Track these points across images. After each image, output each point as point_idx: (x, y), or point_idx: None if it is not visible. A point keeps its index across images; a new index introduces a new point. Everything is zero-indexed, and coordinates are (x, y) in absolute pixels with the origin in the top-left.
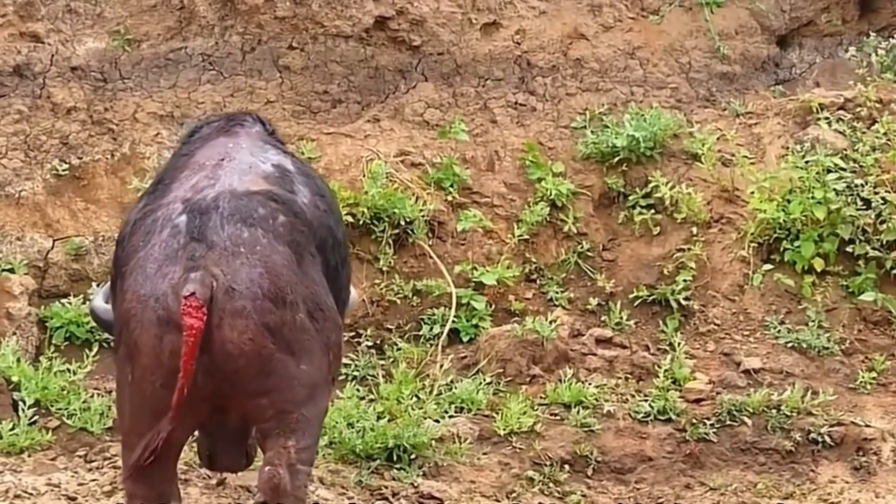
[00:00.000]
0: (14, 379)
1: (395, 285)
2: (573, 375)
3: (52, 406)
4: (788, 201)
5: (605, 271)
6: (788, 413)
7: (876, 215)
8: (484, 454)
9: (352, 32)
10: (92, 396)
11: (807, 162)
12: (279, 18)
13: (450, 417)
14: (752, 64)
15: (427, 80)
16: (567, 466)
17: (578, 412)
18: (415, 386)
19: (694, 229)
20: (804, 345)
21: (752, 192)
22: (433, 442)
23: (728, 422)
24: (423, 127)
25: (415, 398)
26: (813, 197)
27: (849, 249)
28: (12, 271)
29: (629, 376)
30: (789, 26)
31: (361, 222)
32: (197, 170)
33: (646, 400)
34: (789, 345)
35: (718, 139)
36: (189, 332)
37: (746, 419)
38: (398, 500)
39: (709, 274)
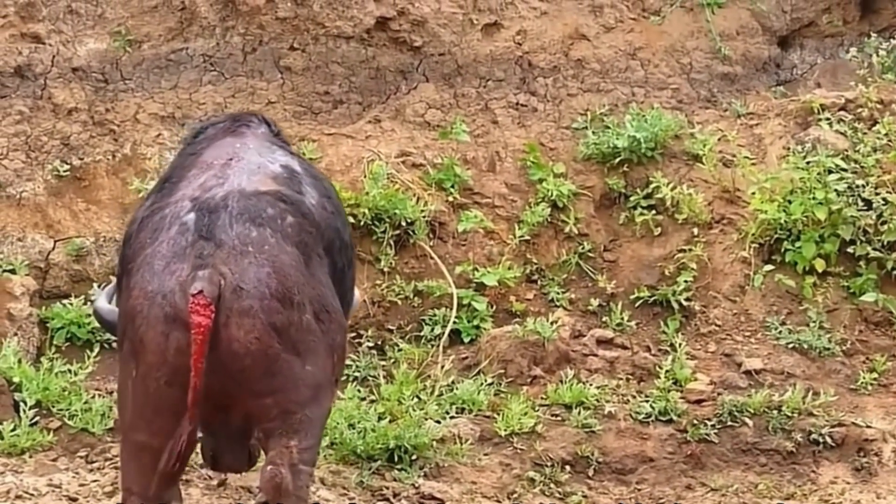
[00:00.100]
0: (15, 380)
1: (397, 286)
2: (574, 376)
3: (54, 407)
4: (789, 202)
5: (606, 272)
6: (789, 414)
7: (877, 216)
8: (485, 455)
9: (353, 33)
10: (93, 397)
11: (808, 163)
12: (280, 19)
13: (451, 418)
14: (754, 65)
15: (428, 81)
16: (568, 467)
17: (579, 413)
18: (416, 387)
19: (695, 230)
20: (805, 345)
21: (753, 193)
22: (434, 443)
23: (729, 422)
24: (425, 127)
25: (416, 399)
26: (814, 198)
27: (850, 250)
28: (13, 272)
29: (630, 377)
30: (790, 27)
31: (362, 223)
32: (205, 169)
33: (647, 401)
34: (790, 345)
35: (719, 140)
36: (197, 330)
37: (747, 420)
38: (399, 501)
39: (710, 275)
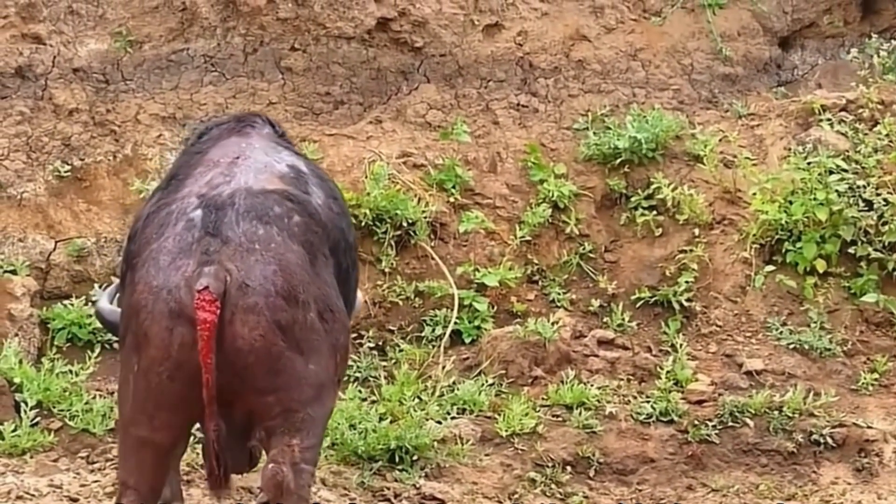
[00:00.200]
0: (16, 380)
1: (398, 287)
2: (575, 377)
3: (54, 407)
4: (790, 202)
5: (607, 272)
6: (790, 414)
7: (878, 217)
8: (486, 455)
9: (354, 34)
10: (94, 398)
11: (809, 163)
12: (281, 20)
13: (452, 419)
14: (754, 65)
15: (429, 82)
16: (569, 468)
17: (580, 413)
18: (417, 387)
19: (696, 230)
20: (806, 346)
21: (754, 194)
22: (435, 443)
23: (730, 423)
24: (426, 128)
25: (417, 399)
26: (815, 198)
27: (851, 251)
28: (14, 272)
29: (631, 377)
30: (791, 28)
31: (364, 224)
32: (212, 167)
33: (648, 401)
34: (791, 346)
35: (720, 140)
36: (203, 326)
37: (748, 420)
38: (400, 502)
39: (711, 275)
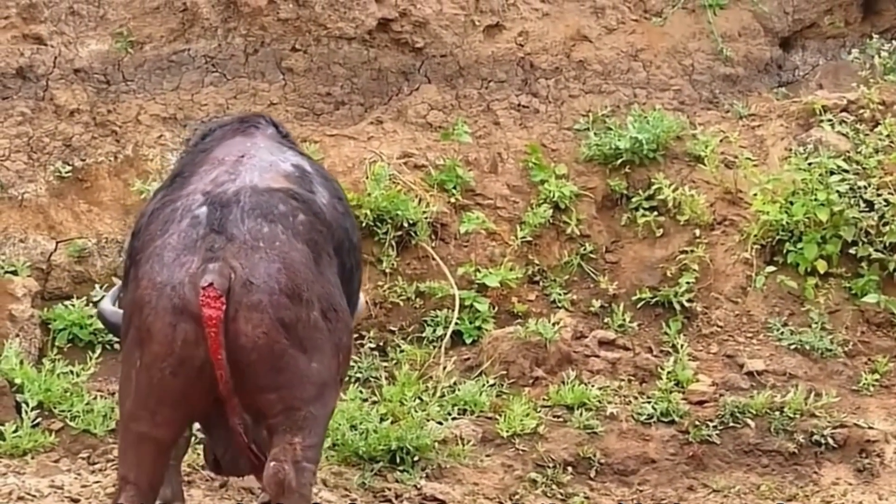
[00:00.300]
0: (17, 381)
1: (399, 287)
2: (576, 377)
3: (56, 408)
4: (791, 203)
5: (608, 273)
6: (791, 415)
7: (879, 217)
8: (487, 456)
9: (355, 34)
10: (95, 398)
11: (810, 164)
12: (282, 20)
13: (453, 419)
14: (755, 66)
15: (430, 82)
16: (570, 468)
17: (581, 414)
18: (418, 388)
19: (697, 231)
20: (807, 347)
21: (755, 194)
22: (436, 444)
23: (731, 424)
24: (427, 129)
25: (418, 400)
26: (816, 199)
27: (852, 251)
28: (15, 273)
29: (632, 378)
30: (792, 28)
31: (364, 224)
32: (216, 165)
33: (649, 402)
34: (792, 347)
35: (721, 141)
36: (210, 323)
37: (749, 421)
38: (401, 502)
39: (712, 276)
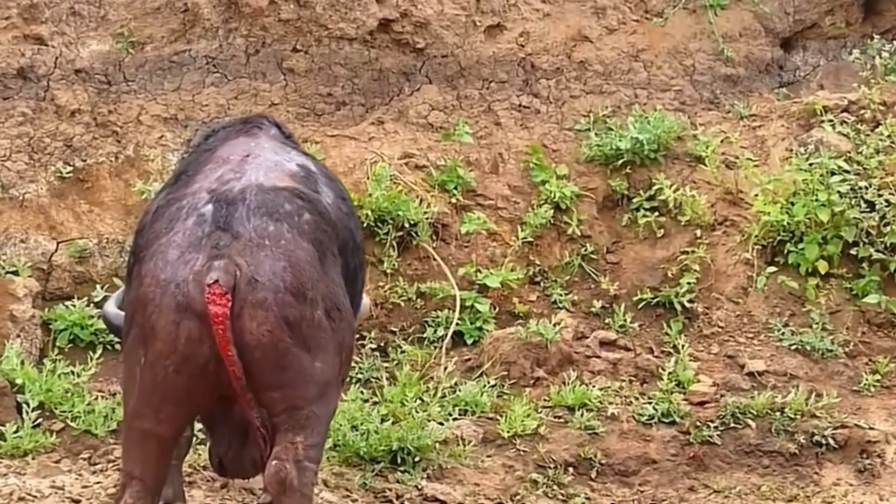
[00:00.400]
0: (18, 381)
1: (399, 288)
2: (577, 378)
3: (56, 409)
4: (792, 203)
5: (609, 274)
6: (792, 415)
7: (880, 217)
8: (488, 457)
9: (356, 35)
10: (96, 399)
11: (810, 164)
12: (283, 21)
13: (454, 420)
14: (756, 66)
15: (431, 83)
16: (571, 469)
17: (582, 415)
18: (419, 388)
19: (698, 232)
20: (808, 347)
21: (756, 195)
22: (437, 444)
23: (732, 424)
24: (428, 129)
25: (419, 401)
26: (817, 199)
27: (853, 252)
28: (16, 273)
29: (633, 379)
30: (793, 29)
31: (365, 225)
32: (221, 163)
33: (650, 402)
34: (793, 347)
35: (722, 142)
36: (216, 320)
37: (750, 422)
38: (402, 503)
39: (712, 276)
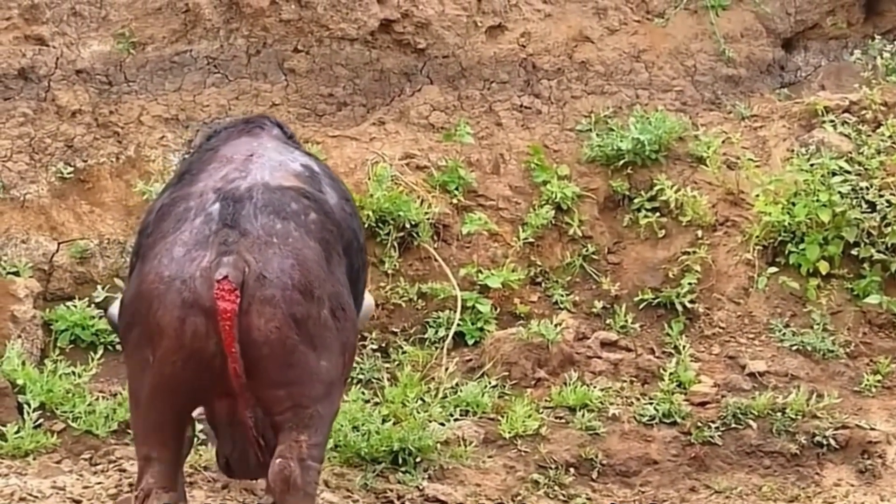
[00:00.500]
0: (19, 382)
1: (401, 288)
2: (578, 378)
3: (57, 409)
4: (793, 204)
5: (611, 274)
6: (793, 416)
7: (881, 218)
8: (489, 457)
9: (357, 35)
10: (97, 399)
11: (812, 165)
12: (284, 21)
13: (455, 420)
14: (758, 67)
15: (432, 83)
16: (572, 469)
17: (583, 415)
18: (420, 389)
19: (699, 232)
20: (809, 348)
21: (757, 195)
22: (438, 445)
23: (733, 425)
24: (429, 130)
25: (420, 401)
26: (818, 200)
27: (854, 252)
28: (17, 274)
29: (634, 379)
30: (794, 29)
31: (367, 225)
32: (225, 163)
33: (651, 403)
34: (794, 348)
35: (723, 142)
36: (224, 316)
37: (751, 422)
38: (403, 503)
39: (714, 277)
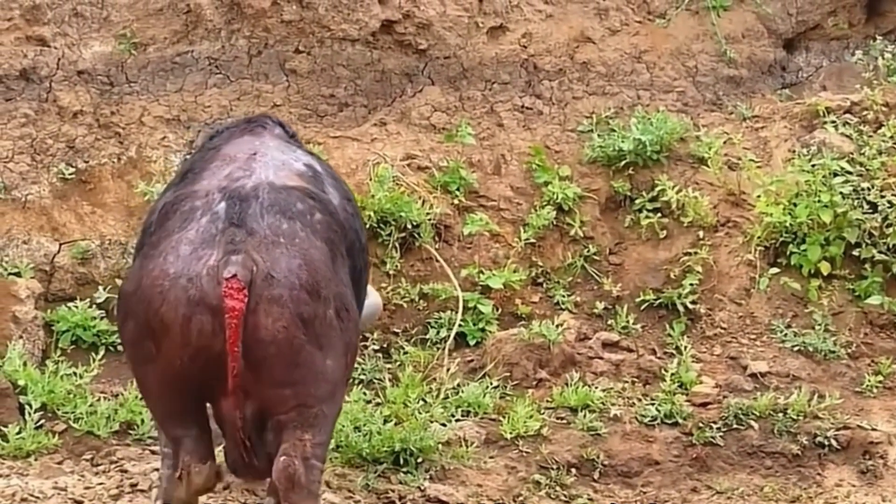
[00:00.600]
0: (20, 383)
1: (402, 289)
2: (580, 379)
3: (59, 410)
4: (795, 205)
5: (612, 275)
6: (795, 417)
7: (882, 219)
8: (490, 458)
9: (358, 36)
10: (98, 400)
11: (813, 165)
12: (285, 22)
13: (456, 421)
14: (759, 67)
15: (434, 84)
16: (573, 470)
17: (585, 416)
18: (421, 389)
19: (700, 233)
20: (810, 348)
21: (759, 196)
22: (440, 445)
23: (734, 425)
24: (430, 130)
25: (421, 402)
26: (819, 200)
27: (855, 253)
28: (19, 275)
29: (636, 380)
30: (796, 30)
31: (368, 226)
32: (228, 161)
33: (652, 404)
34: (795, 348)
35: (725, 143)
36: (231, 314)
37: (753, 423)
38: None
39: (715, 277)
